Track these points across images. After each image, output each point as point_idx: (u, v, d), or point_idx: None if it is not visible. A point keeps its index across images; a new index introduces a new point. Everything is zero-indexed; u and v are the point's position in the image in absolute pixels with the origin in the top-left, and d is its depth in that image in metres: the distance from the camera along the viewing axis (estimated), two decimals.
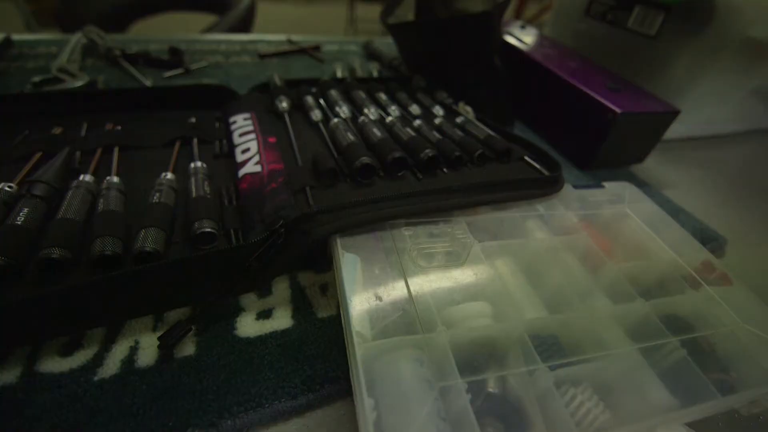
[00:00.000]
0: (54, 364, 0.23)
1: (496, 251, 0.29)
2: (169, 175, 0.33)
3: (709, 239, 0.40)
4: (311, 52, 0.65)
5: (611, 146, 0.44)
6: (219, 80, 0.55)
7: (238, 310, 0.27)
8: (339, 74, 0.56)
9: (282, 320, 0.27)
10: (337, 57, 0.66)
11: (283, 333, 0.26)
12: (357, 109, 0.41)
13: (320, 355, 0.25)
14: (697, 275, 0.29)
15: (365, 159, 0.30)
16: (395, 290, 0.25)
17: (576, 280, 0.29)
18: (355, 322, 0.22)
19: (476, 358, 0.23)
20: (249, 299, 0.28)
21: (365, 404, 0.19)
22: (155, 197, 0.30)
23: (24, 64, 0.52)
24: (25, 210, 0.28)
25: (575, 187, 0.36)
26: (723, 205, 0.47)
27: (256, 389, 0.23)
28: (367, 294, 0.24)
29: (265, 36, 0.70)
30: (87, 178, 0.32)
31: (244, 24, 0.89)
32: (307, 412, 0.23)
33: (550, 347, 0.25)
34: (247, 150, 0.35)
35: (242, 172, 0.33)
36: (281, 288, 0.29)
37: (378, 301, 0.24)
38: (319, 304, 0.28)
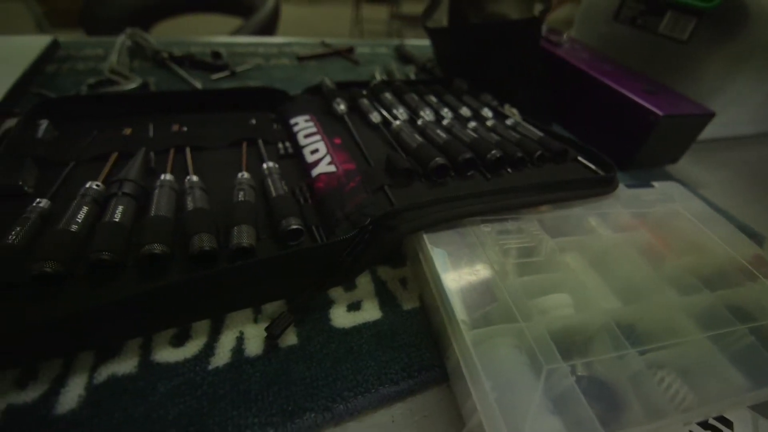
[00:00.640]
0: (168, 355, 0.24)
1: (566, 246, 0.30)
2: (246, 175, 0.34)
3: (748, 236, 0.41)
4: (346, 54, 0.66)
5: (650, 148, 0.46)
6: (263, 82, 0.55)
7: (329, 303, 0.28)
8: (378, 77, 0.57)
9: (371, 312, 0.28)
10: (369, 59, 0.67)
11: (375, 324, 0.27)
12: (411, 112, 0.42)
13: (413, 345, 0.26)
14: (753, 268, 0.31)
15: (440, 160, 0.31)
16: (485, 282, 0.26)
17: (641, 273, 0.30)
18: (458, 311, 0.24)
19: (564, 344, 0.25)
20: (337, 292, 0.29)
21: (485, 386, 0.20)
22: (239, 196, 0.31)
23: (73, 65, 0.53)
24: (121, 207, 0.29)
25: (627, 186, 0.37)
26: (754, 204, 0.49)
27: (360, 376, 0.24)
28: (460, 285, 0.25)
29: (300, 39, 0.71)
30: (168, 177, 0.33)
31: (269, 26, 0.90)
32: (408, 397, 0.24)
33: (630, 335, 0.26)
34: (316, 151, 0.36)
35: (316, 171, 0.34)
36: (364, 282, 0.30)
37: (471, 292, 0.25)
38: (401, 297, 0.29)
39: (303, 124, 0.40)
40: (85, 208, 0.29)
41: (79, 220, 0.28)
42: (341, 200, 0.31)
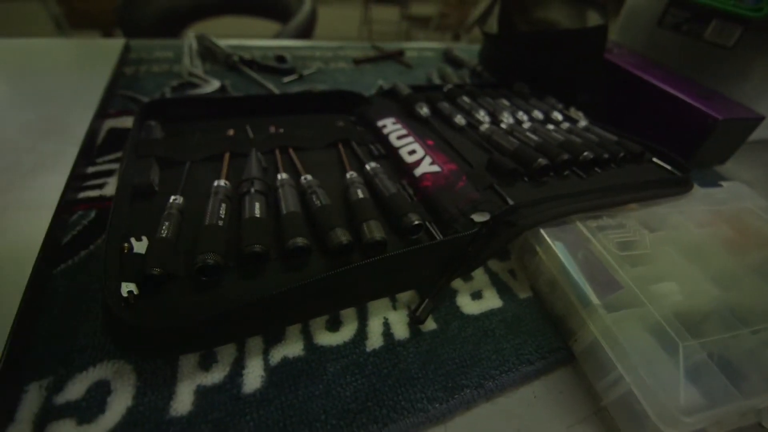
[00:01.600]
0: (328, 339, 0.26)
1: (661, 240, 0.33)
2: (355, 174, 0.36)
3: None
4: (397, 57, 0.68)
5: (705, 150, 0.48)
6: (329, 85, 0.57)
7: (454, 292, 0.30)
8: (436, 80, 0.59)
9: (493, 300, 0.30)
10: (418, 63, 0.69)
11: (499, 311, 0.29)
12: (490, 114, 0.44)
13: (537, 330, 0.28)
14: None
15: (542, 161, 0.33)
16: (606, 271, 0.28)
17: (730, 264, 0.32)
18: (592, 297, 0.26)
19: (684, 326, 0.27)
20: (457, 283, 0.31)
21: (633, 360, 0.22)
22: (358, 194, 0.33)
23: (149, 68, 0.54)
24: (257, 204, 0.31)
25: (699, 185, 0.40)
26: None
27: (501, 356, 0.26)
28: (586, 275, 0.27)
29: (352, 42, 0.72)
30: (285, 176, 0.35)
31: (308, 29, 0.91)
32: (542, 375, 0.27)
33: (735, 318, 0.28)
34: (414, 152, 0.38)
35: (419, 171, 0.36)
36: (478, 273, 0.32)
37: (598, 281, 0.27)
38: (515, 287, 0.31)
39: (391, 127, 0.42)
40: (223, 205, 0.31)
41: (223, 216, 0.30)
42: (453, 198, 0.33)
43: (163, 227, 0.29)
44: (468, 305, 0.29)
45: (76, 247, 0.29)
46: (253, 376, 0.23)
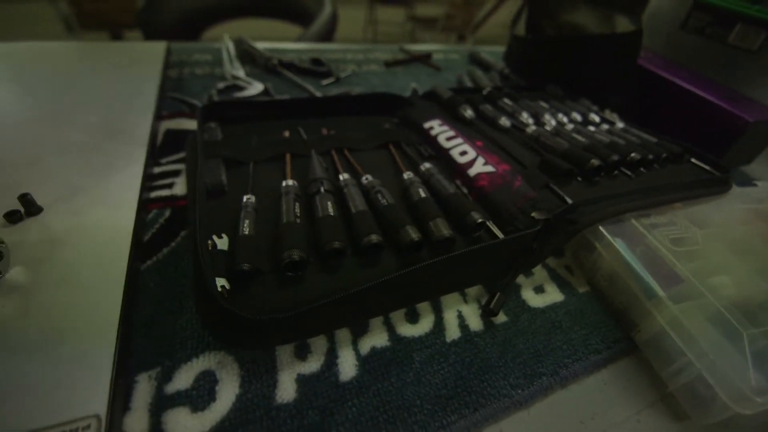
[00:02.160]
0: (409, 330, 0.27)
1: (710, 236, 0.34)
2: (412, 174, 0.37)
3: None
4: (425, 60, 0.69)
5: (733, 151, 0.50)
6: (365, 87, 0.58)
7: (517, 287, 0.32)
8: (467, 83, 0.60)
9: (554, 294, 0.31)
10: (445, 65, 0.70)
11: (562, 304, 0.31)
12: (533, 116, 0.46)
13: (599, 322, 0.30)
14: None
15: (595, 161, 0.35)
16: (666, 265, 0.29)
17: None
18: (657, 289, 0.27)
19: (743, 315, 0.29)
20: (519, 278, 0.32)
21: (703, 347, 0.24)
22: (420, 193, 0.34)
23: (192, 70, 0.55)
24: (329, 203, 0.32)
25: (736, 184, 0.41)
26: None
27: (571, 346, 0.28)
28: (648, 269, 0.29)
29: (380, 45, 0.73)
30: (347, 176, 0.36)
31: (330, 32, 0.92)
32: (609, 364, 0.28)
33: None
34: (465, 153, 0.39)
35: (473, 171, 0.37)
36: (537, 269, 0.33)
37: (659, 274, 0.29)
38: (573, 282, 0.33)
39: (438, 128, 0.43)
40: (297, 204, 0.32)
41: (298, 214, 0.31)
42: (512, 197, 0.34)
43: (244, 225, 0.30)
44: (533, 299, 0.31)
45: (158, 245, 0.30)
46: (348, 365, 0.25)
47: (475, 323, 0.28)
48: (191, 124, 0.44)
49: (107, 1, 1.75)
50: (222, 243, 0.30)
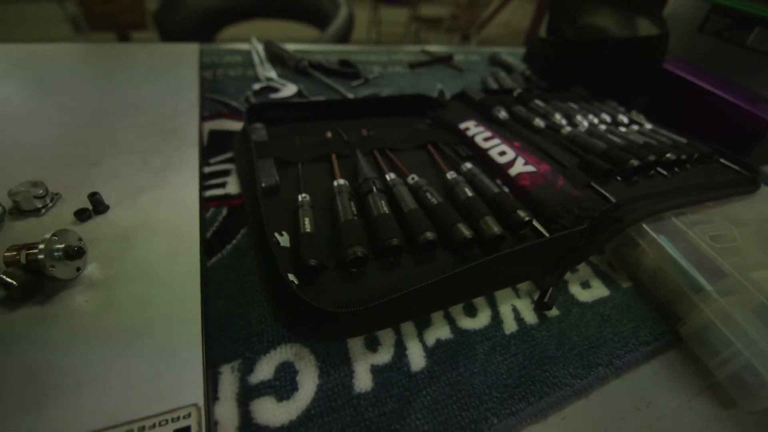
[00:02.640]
0: (469, 323, 0.28)
1: (746, 233, 0.35)
2: (455, 174, 0.38)
3: None
4: (447, 62, 0.70)
5: (756, 151, 0.51)
6: (393, 89, 0.59)
7: (564, 283, 0.33)
8: (492, 84, 0.61)
9: (600, 290, 0.32)
10: (466, 67, 0.71)
11: (609, 298, 0.32)
12: (565, 117, 0.47)
13: (645, 315, 0.31)
14: None
15: (635, 162, 0.36)
16: (708, 261, 0.31)
17: None
18: (704, 284, 0.28)
19: None
20: (565, 275, 0.33)
21: (752, 336, 0.25)
22: (466, 192, 0.35)
23: (225, 72, 0.56)
24: (382, 202, 0.33)
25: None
26: None
27: (621, 339, 0.29)
28: (693, 265, 0.30)
29: (403, 47, 0.74)
30: (393, 176, 0.37)
31: (346, 34, 0.92)
32: (658, 355, 0.29)
33: None
34: (504, 153, 0.40)
35: (514, 171, 0.38)
36: (581, 266, 0.34)
37: (704, 269, 0.30)
38: (616, 277, 0.34)
39: (474, 129, 0.44)
40: (351, 203, 0.33)
41: (355, 212, 0.32)
42: (556, 196, 0.35)
43: (305, 223, 0.31)
44: (580, 294, 0.32)
45: (221, 242, 0.31)
46: (417, 356, 0.26)
47: (529, 317, 0.29)
48: (232, 125, 0.45)
49: (116, 3, 1.75)
50: (284, 240, 0.31)
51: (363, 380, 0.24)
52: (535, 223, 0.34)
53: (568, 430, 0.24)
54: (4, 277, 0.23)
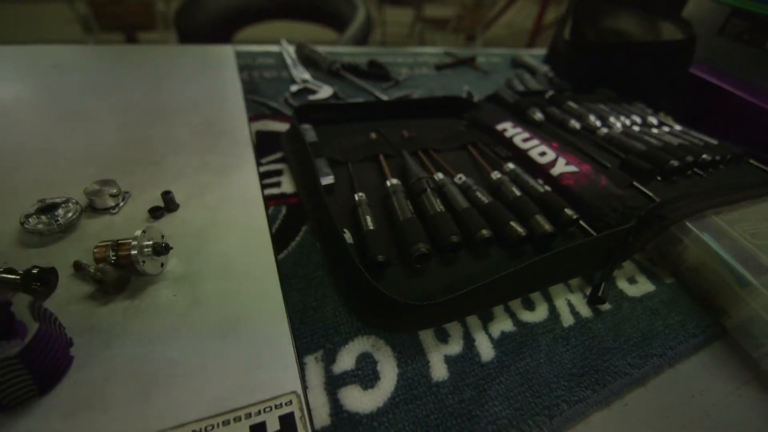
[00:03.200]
0: (529, 316, 0.29)
1: None
2: (500, 174, 0.39)
3: None
4: (471, 64, 0.71)
5: None
6: (423, 90, 0.60)
7: (612, 278, 0.34)
8: (519, 86, 0.62)
9: (646, 285, 0.34)
10: (489, 68, 0.72)
11: (655, 293, 0.33)
12: (600, 118, 0.48)
13: (690, 309, 0.32)
14: None
15: (674, 162, 0.37)
16: (752, 256, 0.32)
17: None
18: (750, 278, 0.30)
19: None
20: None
21: None
22: (514, 191, 0.37)
23: (261, 74, 0.56)
24: (438, 200, 0.34)
25: None
26: None
27: (671, 331, 0.30)
28: (737, 260, 0.31)
29: (427, 48, 0.75)
30: (441, 175, 0.38)
31: (365, 35, 0.93)
32: (705, 347, 0.30)
33: None
34: (544, 153, 0.42)
35: (556, 171, 0.39)
36: (625, 262, 0.36)
37: (747, 264, 0.31)
38: (658, 273, 0.35)
39: (512, 130, 0.45)
40: (407, 201, 0.34)
41: (411, 210, 0.33)
42: (600, 195, 0.36)
43: (367, 220, 0.32)
44: (628, 289, 0.33)
45: (286, 239, 0.32)
46: (485, 347, 0.27)
47: (584, 311, 0.31)
48: (276, 126, 0.46)
49: (126, 3, 1.74)
50: (347, 237, 0.32)
51: (439, 370, 0.25)
52: (582, 221, 0.36)
53: (631, 416, 0.25)
54: (98, 273, 0.24)
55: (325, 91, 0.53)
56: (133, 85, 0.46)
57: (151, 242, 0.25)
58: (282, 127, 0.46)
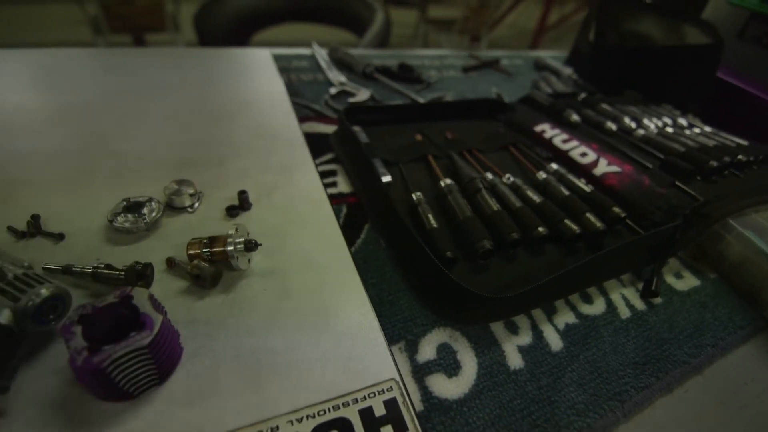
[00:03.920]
0: (589, 309, 0.31)
1: None
2: (546, 174, 0.41)
3: None
4: (495, 66, 0.72)
5: None
6: (454, 93, 0.61)
7: (660, 274, 0.35)
8: (546, 89, 0.64)
9: (691, 280, 0.35)
10: (512, 71, 0.74)
11: (701, 288, 0.35)
12: (633, 120, 0.49)
13: (735, 303, 0.34)
14: None
15: (714, 162, 0.39)
16: None
17: None
18: None
19: None
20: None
21: None
22: (563, 191, 0.38)
23: (298, 76, 0.58)
24: (493, 200, 0.36)
25: None
26: None
27: (720, 323, 0.32)
28: None
29: (452, 51, 0.76)
30: (490, 176, 0.40)
31: (385, 38, 0.94)
32: (751, 338, 0.32)
33: None
34: (585, 154, 0.43)
35: (599, 171, 0.41)
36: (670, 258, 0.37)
37: None
38: (701, 269, 0.37)
39: (551, 132, 0.47)
40: (464, 201, 0.35)
41: (469, 208, 0.34)
42: (645, 194, 0.38)
43: (430, 219, 0.33)
44: (676, 284, 0.35)
45: (352, 236, 0.33)
46: (553, 338, 0.28)
47: (638, 304, 0.32)
48: (321, 128, 0.47)
49: (136, 5, 1.74)
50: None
51: (514, 359, 0.27)
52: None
53: (692, 402, 0.27)
54: (195, 269, 0.25)
55: (363, 94, 0.54)
56: (182, 88, 0.47)
57: (242, 239, 0.26)
58: (327, 128, 0.47)
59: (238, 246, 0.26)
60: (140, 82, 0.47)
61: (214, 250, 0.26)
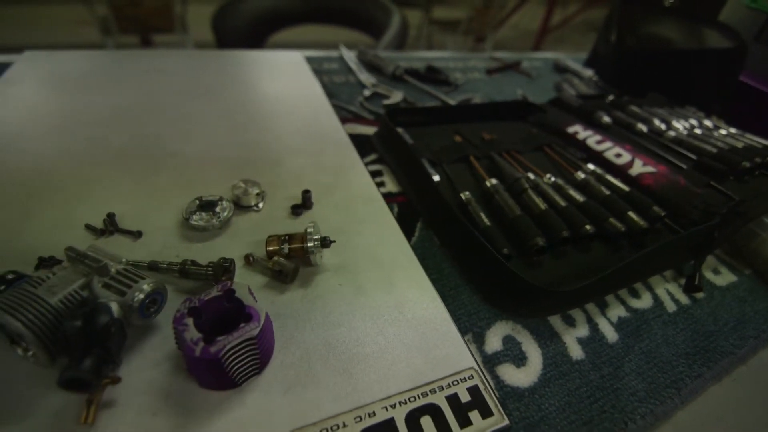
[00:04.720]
0: (638, 303, 0.32)
1: None
2: (585, 174, 0.42)
3: None
4: (517, 68, 0.74)
5: None
6: (481, 94, 0.62)
7: (693, 269, 0.37)
8: (570, 91, 0.65)
9: (729, 276, 0.37)
10: (533, 73, 0.75)
11: (738, 283, 0.36)
12: (663, 121, 0.51)
13: None
14: None
15: (747, 163, 0.40)
16: None
17: None
18: None
19: None
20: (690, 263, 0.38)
21: None
22: (603, 191, 0.39)
23: (331, 78, 0.59)
24: (540, 199, 0.37)
25: None
26: None
27: (761, 317, 0.33)
28: None
29: (474, 54, 0.78)
30: (532, 176, 0.41)
31: (402, 40, 0.95)
32: None
33: None
34: (620, 155, 0.45)
35: (635, 171, 0.42)
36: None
37: None
38: (737, 265, 0.38)
39: (584, 133, 0.48)
40: (511, 200, 0.37)
41: (518, 207, 0.36)
42: (681, 193, 0.39)
43: (482, 217, 0.35)
44: (715, 279, 0.36)
45: (406, 234, 0.35)
46: (608, 331, 0.30)
47: (682, 298, 0.34)
48: (361, 129, 0.48)
49: (145, 6, 1.74)
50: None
51: (575, 350, 0.28)
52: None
53: (740, 390, 0.29)
54: (276, 265, 0.26)
55: (396, 96, 0.55)
56: (225, 90, 0.48)
57: (318, 236, 0.27)
58: (366, 130, 0.48)
59: (316, 242, 0.27)
60: (183, 83, 0.48)
61: (293, 246, 0.27)
